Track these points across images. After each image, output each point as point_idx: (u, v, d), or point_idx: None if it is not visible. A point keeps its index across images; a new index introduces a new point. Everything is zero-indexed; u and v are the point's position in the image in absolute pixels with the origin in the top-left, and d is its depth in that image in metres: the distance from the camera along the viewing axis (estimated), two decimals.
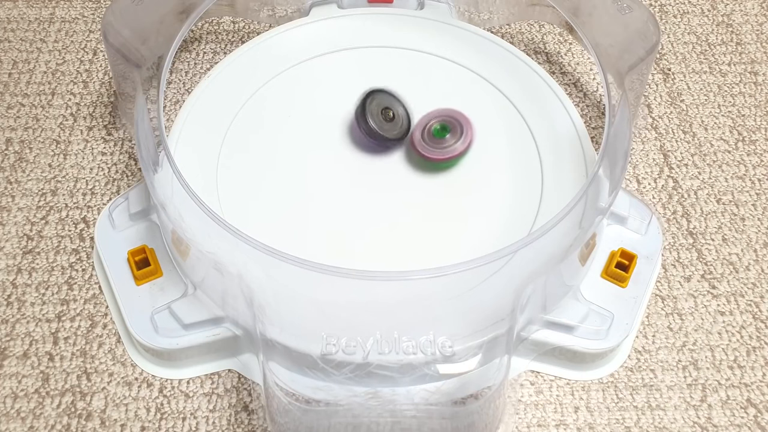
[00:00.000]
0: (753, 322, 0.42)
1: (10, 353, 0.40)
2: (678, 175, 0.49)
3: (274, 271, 0.37)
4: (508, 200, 0.44)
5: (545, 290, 0.39)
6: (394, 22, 0.53)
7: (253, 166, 0.45)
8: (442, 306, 0.38)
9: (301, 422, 0.36)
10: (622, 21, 0.46)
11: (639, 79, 0.46)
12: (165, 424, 0.38)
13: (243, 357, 0.40)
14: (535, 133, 0.46)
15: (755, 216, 0.47)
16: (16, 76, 0.53)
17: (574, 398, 0.40)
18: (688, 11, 0.59)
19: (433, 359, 0.36)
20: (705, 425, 0.39)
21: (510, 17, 0.55)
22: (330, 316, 0.37)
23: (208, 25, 0.57)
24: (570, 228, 0.39)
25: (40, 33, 0.56)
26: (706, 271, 0.44)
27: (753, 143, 0.50)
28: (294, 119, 0.47)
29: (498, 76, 0.49)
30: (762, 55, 0.56)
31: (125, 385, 0.39)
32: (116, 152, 0.49)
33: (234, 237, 0.37)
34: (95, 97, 0.52)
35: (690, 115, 0.52)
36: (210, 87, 0.48)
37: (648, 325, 0.42)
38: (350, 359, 0.35)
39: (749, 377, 0.40)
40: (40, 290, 0.43)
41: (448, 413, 0.36)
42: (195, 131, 0.46)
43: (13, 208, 0.46)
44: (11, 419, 0.38)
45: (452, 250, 0.41)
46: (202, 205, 0.38)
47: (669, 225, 0.46)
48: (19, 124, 0.50)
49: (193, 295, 0.40)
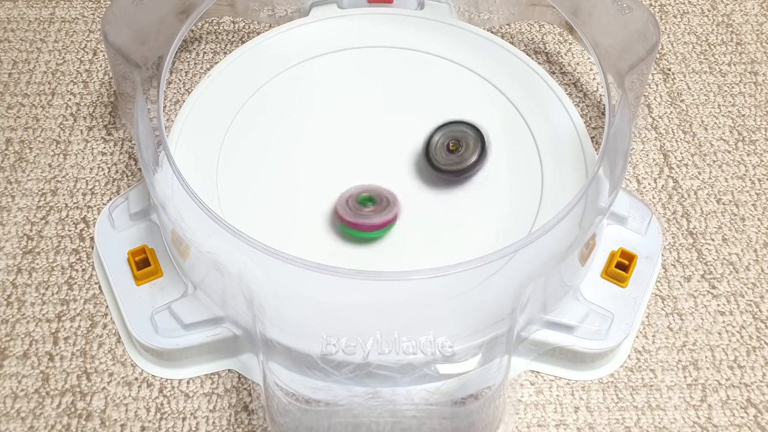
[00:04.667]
0: (753, 322, 0.42)
1: (10, 353, 0.40)
2: (678, 175, 0.49)
3: (274, 271, 0.37)
4: (508, 200, 0.44)
5: (545, 290, 0.39)
6: (394, 22, 0.53)
7: (253, 166, 0.45)
8: (442, 306, 0.38)
9: (301, 422, 0.36)
10: (622, 21, 0.46)
11: (639, 79, 0.46)
12: (165, 424, 0.38)
13: (243, 357, 0.40)
14: (535, 133, 0.46)
15: (755, 216, 0.47)
16: (16, 76, 0.53)
17: (574, 398, 0.40)
18: (688, 11, 0.59)
19: (433, 359, 0.36)
20: (705, 425, 0.39)
21: (510, 17, 0.55)
22: (330, 316, 0.37)
23: (208, 25, 0.57)
24: (570, 228, 0.39)
25: (40, 33, 0.56)
26: (706, 271, 0.44)
27: (753, 143, 0.50)
28: (294, 119, 0.47)
29: (498, 76, 0.49)
30: (762, 55, 0.56)
31: (125, 385, 0.39)
32: (116, 152, 0.49)
33: (234, 237, 0.37)
34: (95, 97, 0.52)
35: (690, 115, 0.52)
36: (210, 87, 0.48)
37: (648, 325, 0.42)
38: (350, 359, 0.35)
39: (749, 377, 0.40)
40: (40, 290, 0.43)
41: (448, 413, 0.36)
42: (195, 131, 0.46)
43: (13, 208, 0.46)
44: (11, 419, 0.38)
45: (452, 250, 0.41)
46: (202, 205, 0.38)
47: (669, 225, 0.46)
48: (19, 124, 0.50)
49: (193, 295, 0.40)
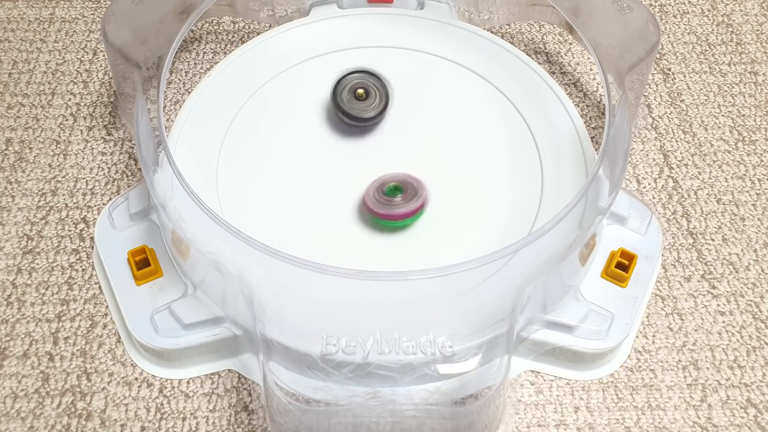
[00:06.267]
0: (753, 322, 0.42)
1: (10, 353, 0.40)
2: (678, 175, 0.49)
3: (274, 271, 0.37)
4: (508, 200, 0.44)
5: (545, 290, 0.39)
6: (394, 22, 0.52)
7: (253, 166, 0.45)
8: (442, 306, 0.38)
9: (301, 422, 0.36)
10: (622, 21, 0.46)
11: (639, 79, 0.46)
12: (165, 424, 0.38)
13: (243, 357, 0.40)
14: (535, 133, 0.46)
15: (755, 216, 0.47)
16: (16, 76, 0.53)
17: (574, 398, 0.40)
18: (688, 11, 0.59)
19: (433, 359, 0.36)
20: (705, 425, 0.39)
21: (510, 17, 0.55)
22: (330, 316, 0.37)
23: (208, 25, 0.57)
24: (570, 228, 0.39)
25: (40, 33, 0.56)
26: (706, 271, 0.44)
27: (753, 143, 0.50)
28: (294, 119, 0.47)
29: (498, 76, 0.49)
30: (762, 55, 0.56)
31: (125, 385, 0.40)
32: (116, 152, 0.49)
33: (234, 237, 0.37)
34: (95, 97, 0.52)
35: (690, 115, 0.52)
36: (210, 87, 0.48)
37: (648, 325, 0.42)
38: (350, 359, 0.35)
39: (749, 377, 0.40)
40: (40, 290, 0.43)
41: (448, 413, 0.36)
42: (195, 131, 0.46)
43: (13, 208, 0.46)
44: (11, 419, 0.38)
45: (452, 250, 0.41)
46: (202, 205, 0.38)
47: (669, 225, 0.46)
48: (19, 124, 0.50)
49: (193, 295, 0.40)
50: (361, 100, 0.45)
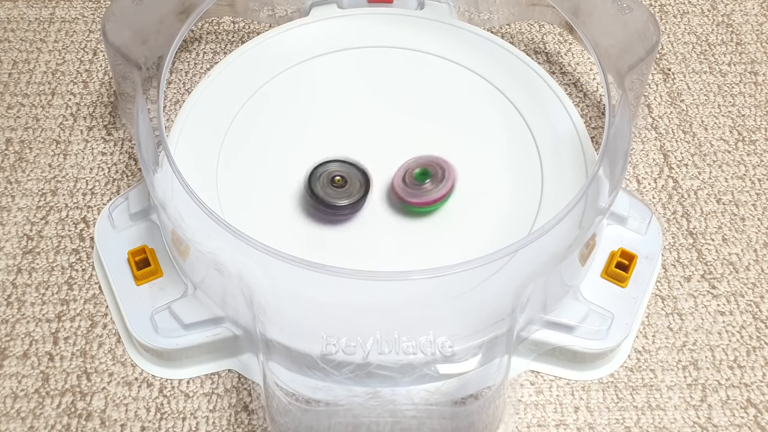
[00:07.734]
0: (753, 322, 0.42)
1: (10, 353, 0.40)
2: (678, 175, 0.49)
3: (274, 271, 0.37)
4: (508, 200, 0.44)
5: (545, 290, 0.39)
6: (394, 22, 0.53)
7: (253, 166, 0.45)
8: (442, 306, 0.38)
9: (301, 422, 0.36)
10: (622, 21, 0.46)
11: (639, 79, 0.46)
12: (165, 424, 0.38)
13: (243, 357, 0.40)
14: (535, 133, 0.46)
15: (755, 216, 0.47)
16: (16, 76, 0.53)
17: (574, 398, 0.40)
18: (688, 11, 0.59)
19: (433, 359, 0.36)
20: (705, 425, 0.39)
21: (510, 17, 0.55)
22: (330, 316, 0.37)
23: (208, 25, 0.57)
24: (570, 228, 0.39)
25: (40, 33, 0.56)
26: (706, 271, 0.44)
27: (753, 143, 0.50)
28: (294, 119, 0.47)
29: (498, 76, 0.49)
30: (762, 55, 0.56)
31: (125, 385, 0.39)
32: (116, 152, 0.49)
33: (234, 237, 0.37)
34: (95, 97, 0.52)
35: (690, 115, 0.52)
36: (210, 87, 0.48)
37: (648, 325, 0.42)
38: (350, 359, 0.35)
39: (749, 377, 0.40)
40: (40, 290, 0.43)
41: (448, 413, 0.36)
42: (195, 131, 0.46)
43: (13, 208, 0.46)
44: (11, 419, 0.38)
45: (452, 250, 0.41)
46: (202, 205, 0.38)
47: (669, 225, 0.46)
48: (19, 124, 0.50)
49: (193, 295, 0.40)
50: (338, 187, 0.42)
